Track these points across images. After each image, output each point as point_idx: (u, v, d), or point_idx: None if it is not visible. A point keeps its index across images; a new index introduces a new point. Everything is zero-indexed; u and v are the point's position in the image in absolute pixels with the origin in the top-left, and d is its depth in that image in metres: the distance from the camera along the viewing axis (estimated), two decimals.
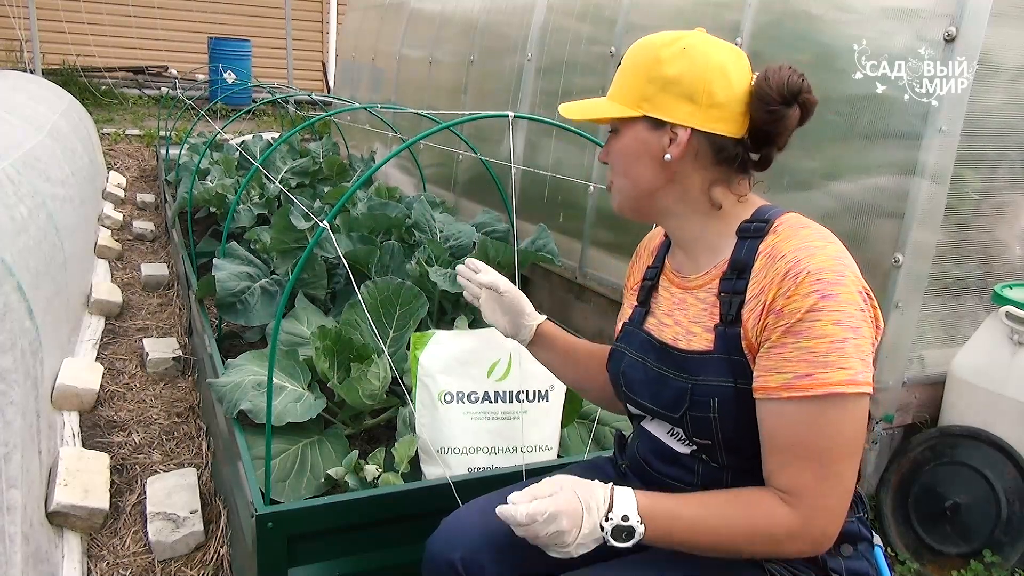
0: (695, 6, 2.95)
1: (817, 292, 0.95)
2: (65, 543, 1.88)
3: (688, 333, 1.11)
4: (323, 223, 1.49)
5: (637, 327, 1.21)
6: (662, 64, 1.07)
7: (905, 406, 2.29)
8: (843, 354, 0.94)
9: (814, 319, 0.95)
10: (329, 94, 9.56)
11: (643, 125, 1.09)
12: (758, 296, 1.01)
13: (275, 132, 8.13)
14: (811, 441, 0.96)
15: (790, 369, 0.96)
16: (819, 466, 0.95)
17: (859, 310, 0.96)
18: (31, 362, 2.03)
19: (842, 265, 0.97)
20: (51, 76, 8.56)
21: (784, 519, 0.96)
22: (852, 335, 0.94)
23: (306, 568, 1.55)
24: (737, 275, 1.05)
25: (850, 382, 0.94)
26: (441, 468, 1.88)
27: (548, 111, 3.76)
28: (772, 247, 1.02)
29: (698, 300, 1.12)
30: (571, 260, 3.48)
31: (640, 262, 1.32)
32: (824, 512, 0.96)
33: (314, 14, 11.70)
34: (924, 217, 2.10)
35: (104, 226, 4.71)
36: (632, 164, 1.11)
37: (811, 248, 0.99)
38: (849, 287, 0.96)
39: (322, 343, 2.13)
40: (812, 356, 0.95)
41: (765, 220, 1.06)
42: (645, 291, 1.24)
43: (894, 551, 2.17)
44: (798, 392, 0.95)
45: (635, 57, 1.11)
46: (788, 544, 0.98)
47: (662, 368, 1.12)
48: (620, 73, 1.12)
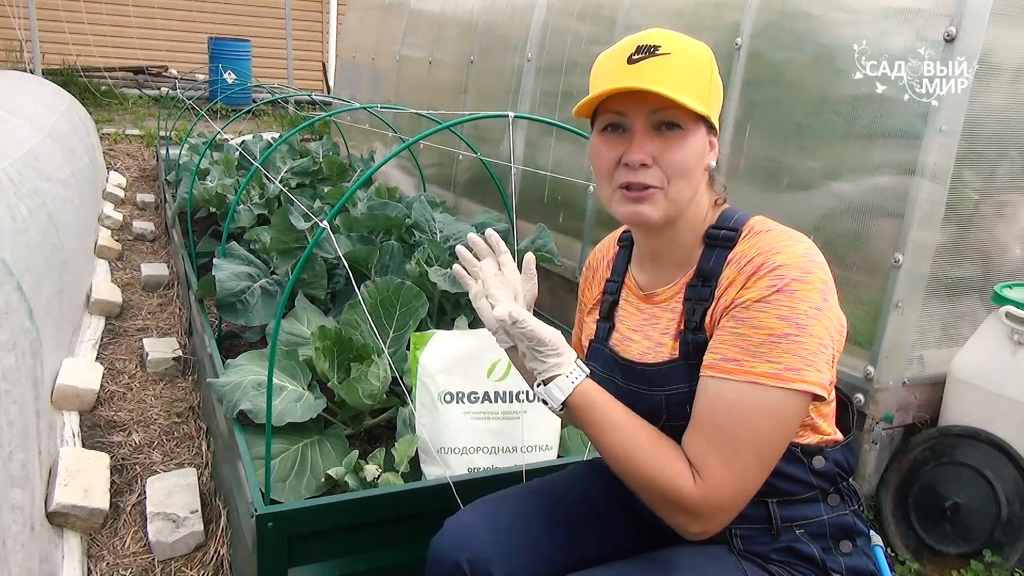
0: (695, 6, 2.95)
1: (773, 286, 0.95)
2: (65, 543, 1.88)
3: (657, 346, 1.10)
4: (323, 223, 1.49)
5: (602, 344, 1.21)
6: (714, 67, 1.04)
7: (905, 406, 2.29)
8: (776, 348, 0.93)
9: (760, 309, 0.95)
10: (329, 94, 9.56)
11: (704, 128, 1.04)
12: (718, 298, 1.01)
13: (275, 132, 8.13)
14: (724, 425, 0.95)
15: (720, 351, 0.97)
16: (726, 451, 0.95)
17: (813, 308, 0.94)
18: (31, 362, 2.03)
19: (809, 262, 0.97)
20: (51, 76, 8.56)
21: (686, 489, 0.96)
22: (795, 332, 0.93)
23: (306, 568, 1.55)
24: (703, 282, 1.05)
25: (774, 376, 0.93)
26: (441, 468, 1.88)
27: (548, 111, 3.76)
28: (740, 254, 1.02)
29: (667, 311, 1.11)
30: (571, 260, 3.48)
31: (596, 275, 1.29)
32: (717, 500, 0.96)
33: (314, 14, 11.70)
34: (924, 217, 2.10)
35: (104, 226, 4.71)
36: (697, 168, 1.03)
37: (778, 247, 0.98)
38: (810, 283, 0.95)
39: (322, 343, 2.13)
40: (745, 343, 0.95)
41: (733, 228, 1.05)
42: (607, 305, 1.22)
43: (894, 551, 2.17)
44: (720, 373, 0.96)
45: (698, 55, 1.03)
46: (673, 513, 0.98)
47: (631, 384, 1.12)
48: (681, 68, 0.99)
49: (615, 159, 1.04)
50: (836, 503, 1.08)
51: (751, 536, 1.07)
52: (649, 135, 1.01)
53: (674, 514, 0.98)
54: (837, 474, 1.07)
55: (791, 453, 1.04)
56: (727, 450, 0.95)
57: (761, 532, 1.07)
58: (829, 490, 1.08)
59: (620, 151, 1.03)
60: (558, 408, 1.06)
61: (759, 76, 2.60)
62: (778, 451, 0.97)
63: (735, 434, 0.95)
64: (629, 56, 1.01)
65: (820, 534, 1.07)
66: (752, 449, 0.95)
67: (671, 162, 1.01)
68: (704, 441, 0.97)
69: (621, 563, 1.10)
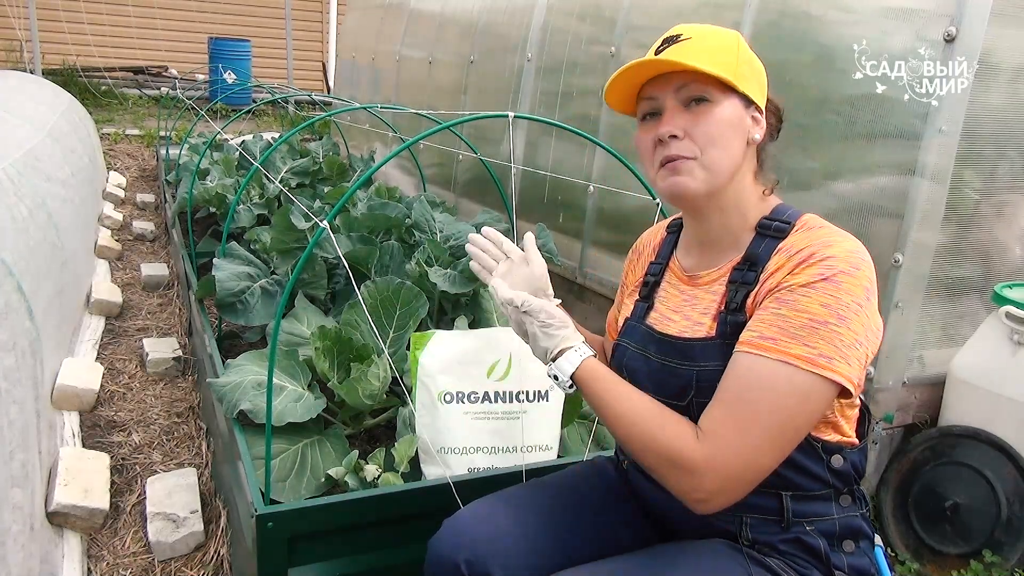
0: (695, 6, 2.95)
1: (821, 274, 0.96)
2: (65, 543, 1.88)
3: (696, 325, 1.11)
4: (323, 223, 1.49)
5: (639, 322, 1.21)
6: (742, 48, 1.08)
7: (905, 406, 2.29)
8: (815, 334, 0.94)
9: (804, 294, 0.96)
10: (329, 94, 9.56)
11: (739, 101, 1.07)
12: (765, 282, 1.02)
13: (275, 132, 8.13)
14: (746, 395, 0.96)
15: (759, 329, 0.98)
16: (744, 420, 0.95)
17: (856, 303, 0.95)
18: (31, 362, 2.03)
19: (858, 259, 0.98)
20: (51, 76, 8.56)
21: (688, 449, 0.97)
22: (835, 322, 0.94)
23: (306, 568, 1.55)
24: (749, 266, 1.06)
25: (807, 359, 0.94)
26: (441, 468, 1.88)
27: (548, 111, 3.76)
28: (791, 244, 1.03)
29: (710, 293, 1.12)
30: (571, 260, 3.48)
31: (642, 258, 1.31)
32: (723, 465, 0.95)
33: (314, 14, 11.70)
34: (924, 217, 2.10)
35: (104, 226, 4.71)
36: (732, 136, 1.06)
37: (829, 241, 1.00)
38: (857, 280, 0.96)
39: (322, 343, 2.13)
40: (785, 324, 0.96)
41: (786, 221, 1.07)
42: (648, 287, 1.24)
43: (894, 551, 2.17)
44: (755, 349, 0.97)
45: (721, 36, 1.08)
46: (676, 476, 0.98)
47: (665, 359, 1.12)
48: (702, 47, 1.04)
49: (653, 140, 1.09)
50: (848, 504, 1.08)
51: (759, 526, 1.07)
52: (679, 111, 1.06)
53: (676, 476, 0.98)
54: (852, 476, 1.08)
55: (812, 448, 1.04)
56: (745, 419, 0.95)
57: (771, 523, 1.07)
58: (843, 490, 1.08)
59: (656, 132, 1.08)
60: (567, 383, 1.10)
61: None
62: (796, 435, 0.97)
63: (757, 406, 0.95)
64: (656, 49, 1.08)
65: (829, 532, 1.07)
66: (770, 424, 0.95)
67: (701, 132, 1.05)
68: (724, 409, 0.97)
69: (614, 559, 1.10)
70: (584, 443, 2.14)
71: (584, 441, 2.15)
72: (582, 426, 2.20)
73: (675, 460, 0.97)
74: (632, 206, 3.09)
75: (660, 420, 1.01)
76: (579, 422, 2.18)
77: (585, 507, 1.23)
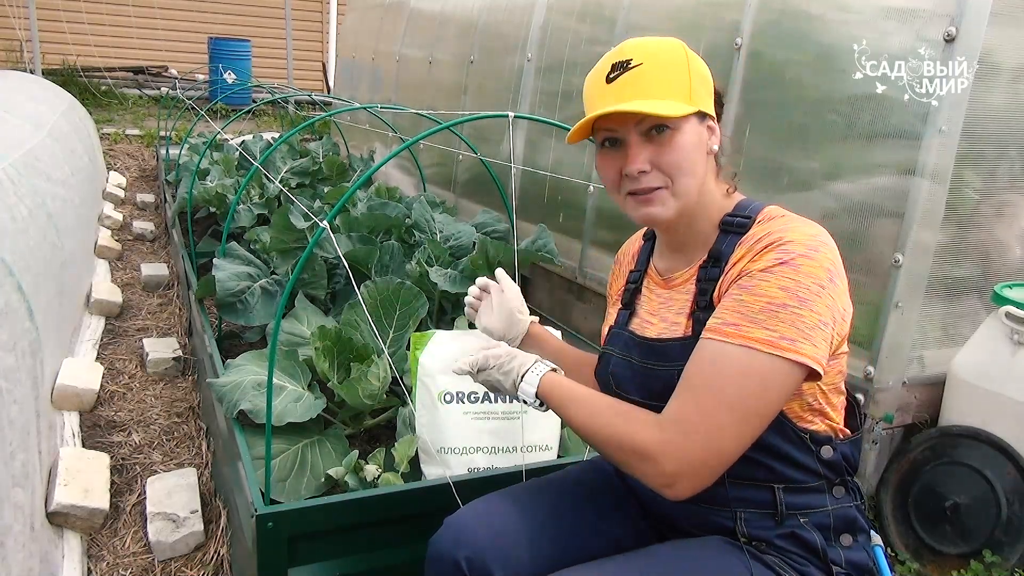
0: (695, 6, 2.95)
1: (779, 258, 0.98)
2: (65, 543, 1.88)
3: (672, 326, 1.14)
4: (323, 223, 1.49)
5: (622, 329, 1.24)
6: (692, 60, 1.09)
7: (905, 406, 2.29)
8: (775, 317, 0.95)
9: (763, 279, 0.98)
10: (329, 94, 9.56)
11: (695, 119, 1.08)
12: (727, 273, 1.04)
13: (275, 132, 8.13)
14: (707, 380, 0.98)
15: (723, 316, 1.00)
16: (706, 403, 0.97)
17: (816, 285, 0.96)
18: (31, 362, 2.03)
19: (818, 242, 0.99)
20: (51, 76, 8.56)
21: (647, 437, 0.99)
22: (795, 304, 0.95)
23: (306, 568, 1.55)
24: (713, 262, 1.08)
25: (768, 343, 0.95)
26: (441, 468, 1.88)
27: (548, 111, 3.76)
28: (752, 236, 1.05)
29: (682, 294, 1.15)
30: (571, 260, 3.48)
31: (622, 268, 1.35)
32: (681, 451, 0.97)
33: (314, 14, 11.70)
34: (924, 217, 2.10)
35: (104, 226, 4.71)
36: (696, 160, 1.08)
37: (789, 228, 1.02)
38: (817, 261, 0.97)
39: (322, 343, 2.13)
40: (745, 309, 0.97)
41: (747, 216, 1.09)
42: (629, 294, 1.26)
43: (894, 551, 2.17)
44: (717, 335, 0.98)
45: (670, 54, 1.07)
46: (638, 464, 1.00)
47: (647, 362, 1.15)
48: (656, 73, 1.05)
49: (618, 172, 1.10)
50: (841, 495, 1.09)
51: (755, 520, 1.08)
52: (642, 144, 1.07)
53: (638, 465, 1.00)
54: (844, 467, 1.08)
55: (800, 439, 1.05)
56: (705, 403, 0.97)
57: (765, 517, 1.08)
58: (835, 481, 1.09)
59: (620, 164, 1.09)
60: (535, 402, 1.14)
61: (759, 76, 2.60)
62: (759, 420, 0.98)
63: (719, 389, 0.96)
64: (607, 75, 1.07)
65: (824, 525, 1.07)
66: (732, 407, 0.96)
67: (668, 163, 1.06)
68: (685, 395, 0.99)
69: (614, 558, 1.10)
70: (584, 443, 2.14)
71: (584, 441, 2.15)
72: None
73: (636, 448, 0.99)
74: None
75: (622, 415, 1.04)
76: None
77: (585, 506, 1.24)
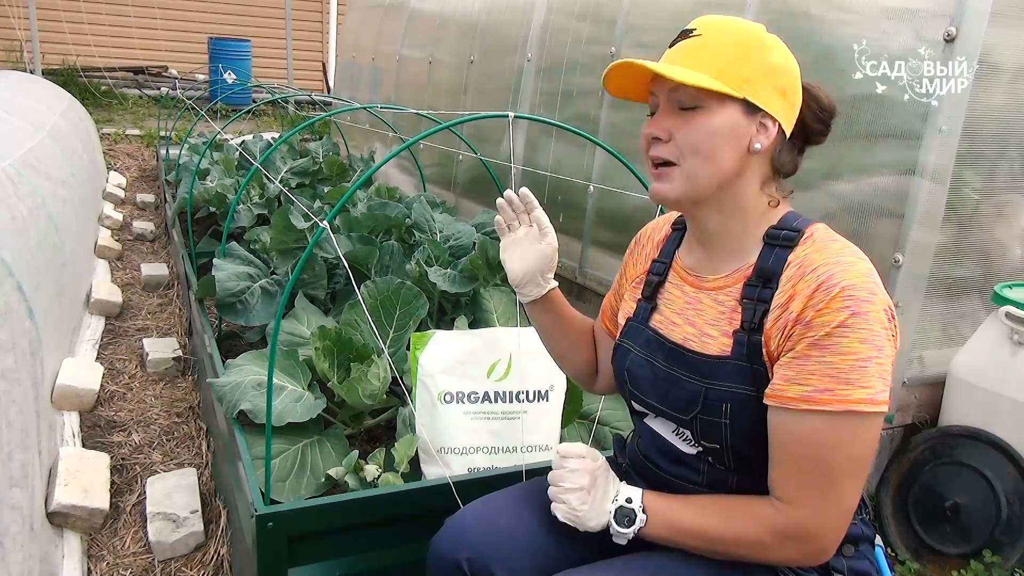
0: (695, 6, 2.95)
1: (848, 308, 0.94)
2: (65, 543, 1.88)
3: (702, 335, 1.09)
4: (323, 223, 1.49)
5: (642, 324, 1.19)
6: (766, 50, 1.03)
7: (905, 406, 2.29)
8: (865, 372, 0.94)
9: (842, 335, 0.94)
10: (329, 94, 9.56)
11: (739, 108, 1.02)
12: (784, 306, 0.99)
13: (275, 132, 8.13)
14: (820, 455, 0.96)
15: (811, 382, 0.95)
16: (823, 481, 0.96)
17: (884, 329, 0.95)
18: (31, 362, 2.03)
19: (872, 283, 0.97)
20: (51, 76, 8.57)
21: (777, 524, 0.98)
22: (876, 354, 0.94)
23: (306, 568, 1.55)
24: (763, 283, 1.03)
25: (868, 400, 0.94)
26: (441, 468, 1.88)
27: (548, 111, 3.76)
28: (802, 259, 1.01)
29: (716, 302, 1.09)
30: (571, 260, 3.48)
31: (643, 253, 1.28)
32: (820, 527, 0.97)
33: (314, 14, 11.70)
34: (924, 217, 2.10)
35: (104, 226, 4.71)
36: (720, 147, 1.02)
37: (844, 264, 0.97)
38: (877, 306, 0.95)
39: (322, 343, 2.13)
40: (835, 371, 0.94)
41: (795, 229, 1.04)
42: (652, 286, 1.21)
43: (894, 551, 2.17)
44: (816, 405, 0.95)
45: (735, 34, 1.03)
46: (777, 550, 0.99)
47: (672, 369, 1.10)
48: (710, 47, 1.02)
49: (647, 136, 1.08)
50: None
51: None
52: (671, 112, 1.04)
53: (775, 554, 1.00)
54: None
55: None
56: (823, 482, 0.96)
57: None
58: None
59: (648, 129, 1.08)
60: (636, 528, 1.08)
61: None
62: (868, 464, 0.99)
63: (836, 465, 0.96)
64: (673, 41, 1.06)
65: None
66: (849, 474, 0.97)
67: (686, 140, 1.02)
68: (801, 479, 0.98)
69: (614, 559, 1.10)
70: (584, 443, 2.14)
71: (584, 441, 2.15)
72: (582, 426, 2.20)
73: (768, 545, 0.99)
74: (632, 206, 3.09)
75: (740, 529, 1.01)
76: (579, 422, 2.18)
77: None
